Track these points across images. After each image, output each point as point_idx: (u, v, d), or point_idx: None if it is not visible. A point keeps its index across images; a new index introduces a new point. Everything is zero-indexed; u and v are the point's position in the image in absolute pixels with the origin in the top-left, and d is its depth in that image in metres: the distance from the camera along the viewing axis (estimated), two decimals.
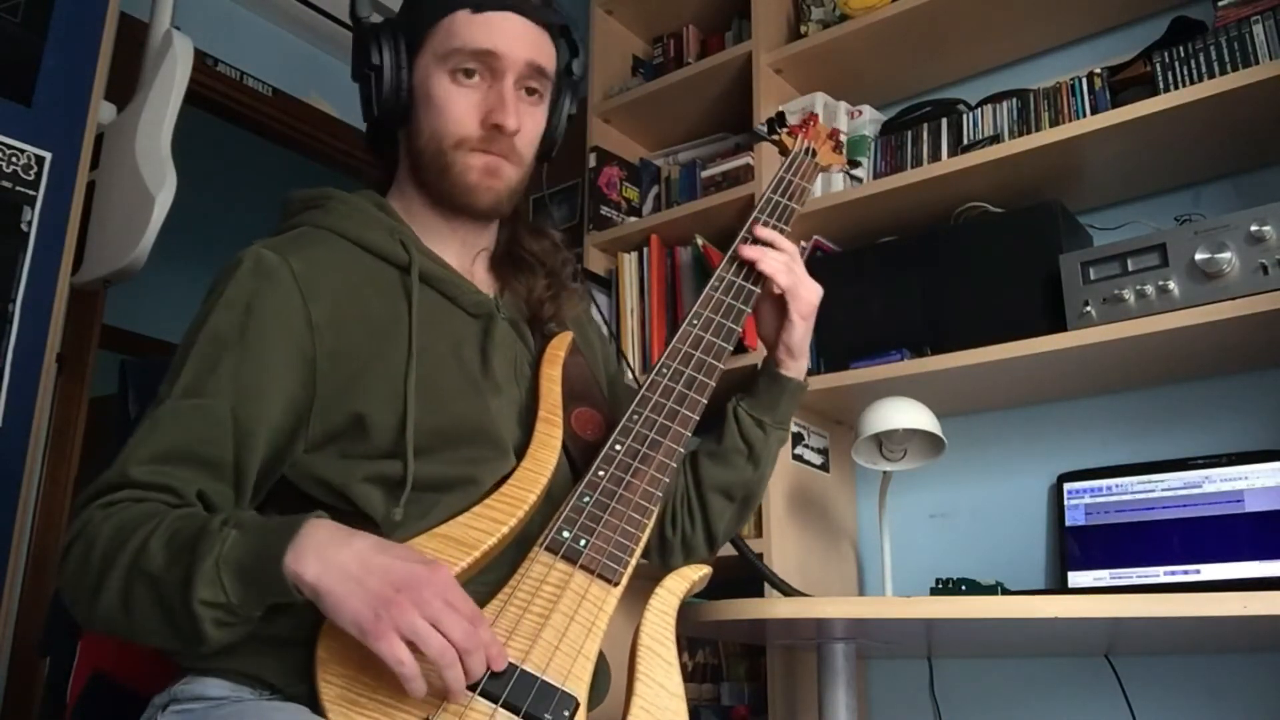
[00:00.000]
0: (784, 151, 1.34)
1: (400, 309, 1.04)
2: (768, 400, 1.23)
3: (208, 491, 0.94)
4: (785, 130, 1.35)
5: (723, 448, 1.23)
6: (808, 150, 1.32)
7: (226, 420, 0.95)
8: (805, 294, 1.18)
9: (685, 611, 1.05)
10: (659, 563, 1.26)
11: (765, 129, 1.37)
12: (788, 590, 1.65)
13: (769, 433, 1.23)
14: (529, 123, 1.10)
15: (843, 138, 1.38)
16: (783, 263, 1.17)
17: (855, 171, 2.12)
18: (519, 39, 1.08)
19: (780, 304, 1.19)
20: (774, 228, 1.21)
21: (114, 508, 0.92)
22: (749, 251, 1.17)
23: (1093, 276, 1.70)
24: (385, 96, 1.08)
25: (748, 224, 1.22)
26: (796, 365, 1.22)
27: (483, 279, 1.16)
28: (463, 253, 1.15)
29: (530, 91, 1.11)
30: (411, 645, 0.81)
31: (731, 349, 1.14)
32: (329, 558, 0.83)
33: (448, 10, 1.07)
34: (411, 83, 1.09)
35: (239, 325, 0.98)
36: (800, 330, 1.19)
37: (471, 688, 0.87)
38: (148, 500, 0.92)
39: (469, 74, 1.07)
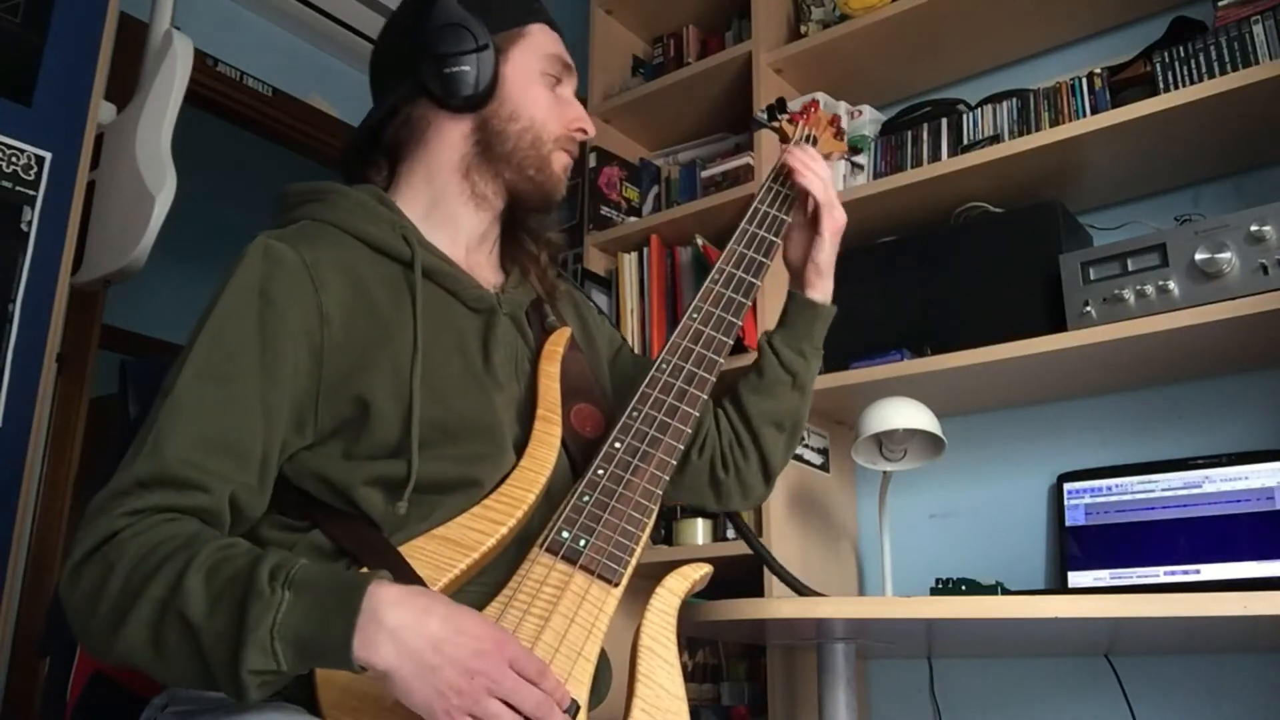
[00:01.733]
0: (784, 139, 1.32)
1: (404, 303, 1.04)
2: (802, 327, 1.26)
3: (238, 491, 0.92)
4: (785, 117, 1.34)
5: (765, 381, 1.26)
6: (808, 137, 1.31)
7: (254, 406, 0.93)
8: (838, 211, 1.24)
9: (685, 611, 1.05)
10: (717, 505, 1.30)
11: (765, 116, 1.35)
12: (802, 589, 1.64)
13: (809, 358, 1.27)
14: None
15: (844, 124, 1.37)
16: (822, 179, 1.23)
17: (856, 159, 2.12)
18: None
19: (810, 223, 1.24)
20: (773, 216, 1.22)
21: (141, 519, 0.87)
22: (793, 160, 1.22)
23: (1093, 276, 1.70)
24: (483, 79, 1.10)
25: (749, 212, 1.22)
26: (824, 286, 1.26)
27: (486, 274, 1.16)
28: (470, 247, 1.15)
29: None
30: None
31: (732, 342, 1.14)
32: (401, 645, 0.80)
33: (532, 19, 1.16)
34: (501, 72, 1.12)
35: (256, 310, 0.97)
36: (829, 248, 1.24)
37: None
38: (178, 518, 0.88)
39: (557, 81, 1.16)
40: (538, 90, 1.14)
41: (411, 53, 1.12)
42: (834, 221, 1.23)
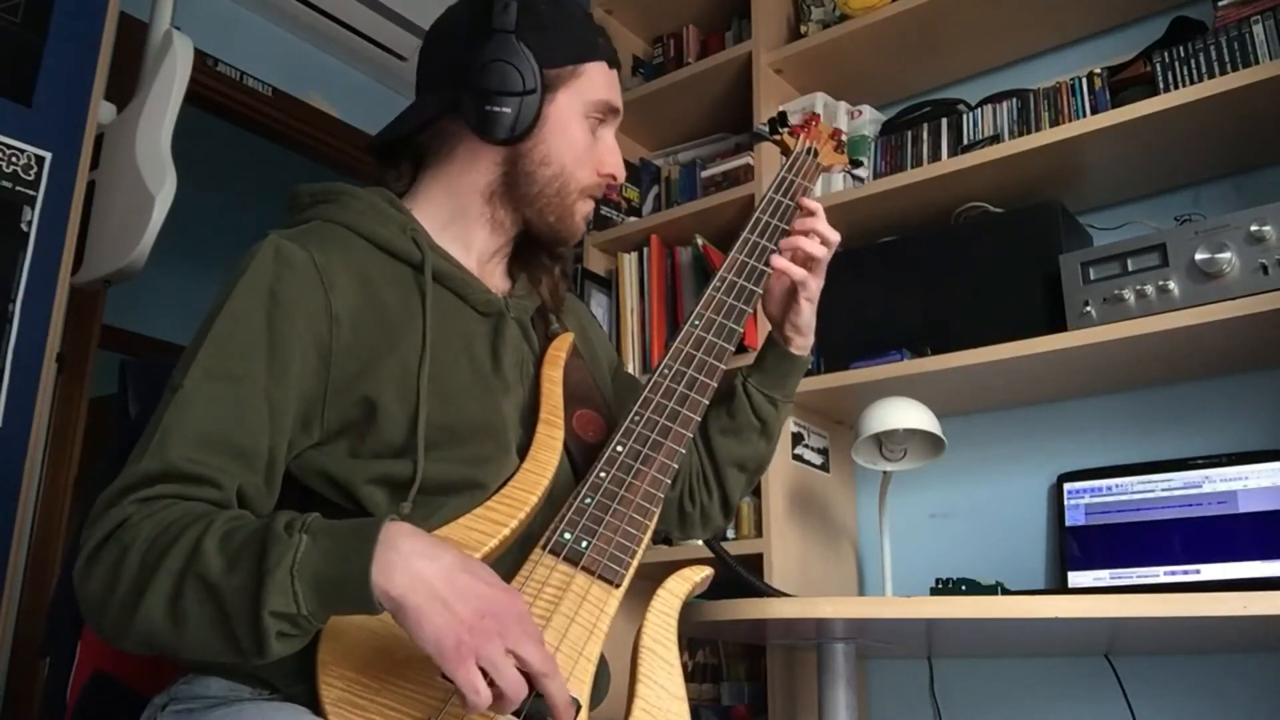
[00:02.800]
0: (785, 151, 1.33)
1: (413, 305, 1.04)
2: (777, 377, 1.28)
3: (246, 486, 0.92)
4: (787, 130, 1.34)
5: (736, 424, 1.27)
6: (809, 150, 1.31)
7: (261, 406, 0.93)
8: (816, 285, 1.23)
9: (686, 611, 1.05)
10: (680, 535, 1.33)
11: (766, 129, 1.36)
12: (771, 593, 1.65)
13: (780, 408, 1.29)
14: None
15: (844, 137, 1.38)
16: (814, 263, 1.21)
17: (857, 171, 2.12)
18: None
19: (791, 288, 1.23)
20: (775, 226, 1.22)
21: (152, 504, 0.87)
22: (790, 241, 1.20)
23: (1093, 276, 1.70)
24: (522, 123, 1.08)
25: (749, 224, 1.22)
26: (804, 342, 1.27)
27: (494, 280, 1.16)
28: (481, 260, 1.15)
29: None
30: (484, 674, 0.80)
31: (734, 349, 1.15)
32: (416, 572, 0.81)
33: (591, 56, 1.13)
34: (544, 112, 1.10)
35: (265, 310, 0.96)
36: (808, 312, 1.24)
37: None
38: (188, 499, 0.88)
39: (599, 123, 1.14)
40: (576, 134, 1.11)
41: (457, 74, 1.09)
42: (812, 293, 1.23)
